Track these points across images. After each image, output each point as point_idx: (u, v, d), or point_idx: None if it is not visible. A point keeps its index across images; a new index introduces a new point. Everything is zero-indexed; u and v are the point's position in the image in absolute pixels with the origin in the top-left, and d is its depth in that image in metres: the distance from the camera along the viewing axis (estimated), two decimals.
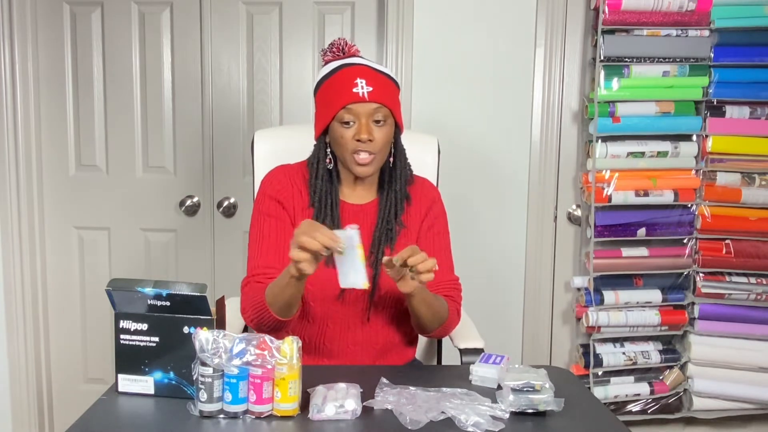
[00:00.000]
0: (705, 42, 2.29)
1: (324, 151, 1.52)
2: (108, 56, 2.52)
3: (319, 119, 1.52)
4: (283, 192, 1.53)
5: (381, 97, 1.45)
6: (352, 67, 1.47)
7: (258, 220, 1.54)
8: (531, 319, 2.51)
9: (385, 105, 1.46)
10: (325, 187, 1.51)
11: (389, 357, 1.59)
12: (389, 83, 1.50)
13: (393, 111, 1.48)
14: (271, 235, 1.51)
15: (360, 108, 1.44)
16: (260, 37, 2.50)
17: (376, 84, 1.45)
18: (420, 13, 2.38)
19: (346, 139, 1.45)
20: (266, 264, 1.48)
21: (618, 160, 2.33)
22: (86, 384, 2.67)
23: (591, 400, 1.31)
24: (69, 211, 2.60)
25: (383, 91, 1.46)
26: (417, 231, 1.59)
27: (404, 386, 1.23)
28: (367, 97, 1.44)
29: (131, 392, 1.25)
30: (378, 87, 1.45)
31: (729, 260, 2.37)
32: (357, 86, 1.44)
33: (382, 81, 1.47)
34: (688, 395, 2.45)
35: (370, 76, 1.46)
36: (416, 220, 1.59)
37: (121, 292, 1.24)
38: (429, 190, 1.64)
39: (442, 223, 1.64)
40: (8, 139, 2.47)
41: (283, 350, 1.15)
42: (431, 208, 1.61)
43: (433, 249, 1.57)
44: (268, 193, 1.54)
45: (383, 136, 1.46)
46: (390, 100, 1.48)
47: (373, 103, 1.44)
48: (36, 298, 2.58)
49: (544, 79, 2.40)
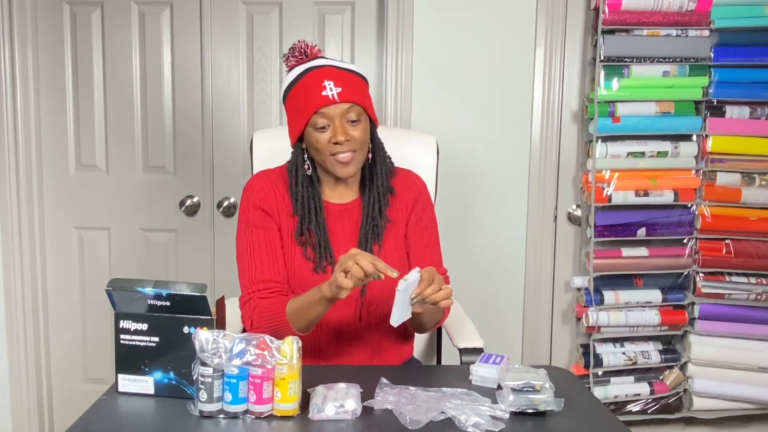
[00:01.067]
0: (705, 42, 2.29)
1: (302, 157, 1.51)
2: (108, 56, 2.52)
3: (292, 126, 1.51)
4: (267, 200, 1.53)
5: (351, 95, 1.44)
6: (318, 70, 1.46)
7: (246, 232, 1.53)
8: (531, 319, 2.51)
9: (357, 103, 1.45)
10: (306, 193, 1.51)
11: (385, 355, 1.59)
12: (357, 80, 1.48)
13: (365, 107, 1.47)
14: (262, 247, 1.50)
15: (332, 110, 1.43)
16: (260, 37, 2.50)
17: (345, 83, 1.44)
18: (420, 13, 2.38)
19: (322, 143, 1.45)
20: (265, 278, 1.48)
21: (618, 160, 2.33)
22: (86, 384, 2.67)
23: (591, 400, 1.31)
24: (69, 211, 2.60)
25: (352, 89, 1.45)
26: (404, 224, 1.58)
27: (404, 386, 1.23)
28: (338, 98, 1.43)
29: (131, 392, 1.25)
30: (347, 86, 1.44)
31: (729, 260, 2.37)
32: (326, 89, 1.43)
33: (349, 79, 1.46)
34: (688, 395, 2.45)
35: (337, 76, 1.45)
36: (402, 213, 1.58)
37: (121, 292, 1.24)
38: (413, 182, 1.63)
39: (430, 216, 1.63)
40: (8, 139, 2.47)
41: (283, 350, 1.15)
42: (417, 200, 1.60)
43: (422, 243, 1.59)
44: (252, 201, 1.53)
45: (360, 134, 1.46)
46: (360, 97, 1.47)
47: (344, 104, 1.43)
48: (36, 298, 2.58)
49: (544, 79, 2.40)
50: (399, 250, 1.57)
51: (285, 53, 1.53)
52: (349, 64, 1.52)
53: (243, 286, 1.52)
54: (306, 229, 1.50)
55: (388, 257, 1.51)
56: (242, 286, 1.53)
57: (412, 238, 1.58)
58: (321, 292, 1.35)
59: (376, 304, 1.53)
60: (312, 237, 1.50)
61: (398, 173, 1.61)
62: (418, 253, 1.58)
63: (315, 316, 1.40)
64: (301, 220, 1.50)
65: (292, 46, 1.51)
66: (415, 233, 1.59)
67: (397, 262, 1.53)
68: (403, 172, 1.64)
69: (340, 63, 1.50)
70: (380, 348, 1.58)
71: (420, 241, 1.58)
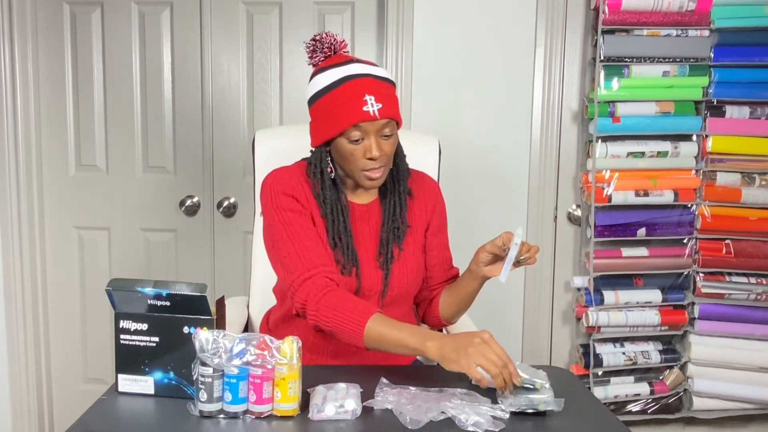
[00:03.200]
0: (705, 42, 2.29)
1: (326, 160, 1.46)
2: (108, 56, 2.52)
3: (321, 131, 1.43)
4: (295, 189, 1.46)
5: (390, 112, 1.39)
6: (358, 80, 1.38)
7: (278, 218, 1.43)
8: (531, 319, 2.51)
9: (394, 118, 1.40)
10: (333, 195, 1.46)
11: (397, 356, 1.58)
12: (392, 91, 1.43)
13: (398, 120, 1.43)
14: (303, 229, 1.42)
15: (370, 126, 1.37)
16: (260, 37, 2.50)
17: (384, 98, 1.38)
18: (420, 13, 2.38)
19: (356, 156, 1.39)
20: (316, 261, 1.39)
21: (618, 160, 2.33)
22: (86, 384, 2.67)
23: (591, 400, 1.31)
24: (69, 211, 2.60)
25: (391, 104, 1.40)
26: (423, 227, 1.58)
27: (404, 386, 1.23)
28: (378, 116, 1.36)
29: (131, 392, 1.25)
30: (386, 102, 1.38)
31: (729, 260, 2.37)
32: (367, 104, 1.36)
33: (388, 92, 1.40)
34: (688, 395, 2.45)
35: (377, 89, 1.38)
36: (421, 216, 1.58)
37: (121, 292, 1.24)
38: (430, 186, 1.62)
39: (445, 220, 1.65)
40: (8, 139, 2.47)
41: (283, 350, 1.15)
42: (436, 206, 1.60)
43: (441, 247, 1.61)
44: (279, 189, 1.45)
45: (391, 148, 1.42)
46: (396, 111, 1.42)
47: (383, 120, 1.38)
48: (36, 298, 2.58)
49: (544, 79, 2.40)
50: (416, 253, 1.56)
51: (308, 44, 1.45)
52: (381, 70, 1.43)
53: (295, 269, 1.38)
54: (336, 232, 1.46)
55: (407, 260, 1.52)
56: (292, 269, 1.39)
57: (433, 242, 1.59)
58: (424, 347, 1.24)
59: (395, 305, 1.52)
60: (341, 240, 1.46)
61: (413, 175, 1.59)
62: (439, 257, 1.61)
63: (395, 352, 1.32)
64: (330, 224, 1.45)
65: (318, 38, 1.44)
66: (437, 239, 1.60)
67: (414, 264, 1.54)
68: (419, 174, 1.62)
69: (375, 70, 1.41)
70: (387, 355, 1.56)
71: (439, 245, 1.61)
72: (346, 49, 1.47)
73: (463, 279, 1.53)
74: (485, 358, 1.17)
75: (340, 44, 1.45)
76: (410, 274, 1.53)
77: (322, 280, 1.37)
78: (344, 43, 1.46)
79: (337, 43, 1.44)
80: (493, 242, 1.41)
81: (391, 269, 1.49)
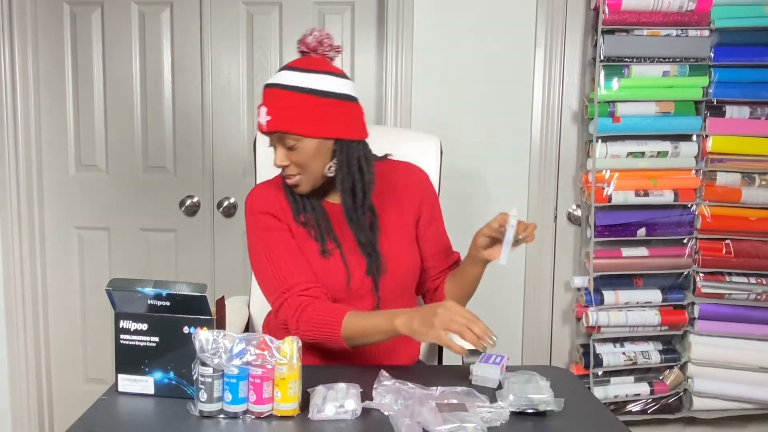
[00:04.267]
0: (705, 42, 2.29)
1: None
2: (108, 56, 2.52)
3: None
4: (271, 206, 1.50)
5: (278, 124, 1.39)
6: (266, 90, 1.42)
7: (259, 238, 1.48)
8: (531, 319, 2.51)
9: (285, 131, 1.39)
10: (302, 199, 1.50)
11: (397, 355, 1.58)
12: (296, 103, 1.39)
13: (301, 133, 1.39)
14: (281, 248, 1.46)
15: (271, 136, 1.42)
16: (260, 37, 2.50)
17: (278, 111, 1.39)
18: (420, 13, 2.38)
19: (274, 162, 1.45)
20: (296, 279, 1.43)
21: (618, 160, 2.33)
22: (86, 384, 2.67)
23: (591, 400, 1.31)
24: (69, 211, 2.60)
25: (283, 117, 1.39)
26: (413, 219, 1.58)
27: (402, 382, 1.22)
28: (266, 128, 1.40)
29: (131, 392, 1.25)
30: (278, 114, 1.39)
31: (729, 260, 2.37)
32: (260, 114, 1.41)
33: (287, 104, 1.39)
34: (688, 395, 2.45)
35: (273, 102, 1.40)
36: (409, 209, 1.57)
37: (121, 292, 1.24)
38: (416, 176, 1.61)
39: (438, 208, 1.64)
40: (8, 139, 2.47)
41: (283, 350, 1.15)
42: (424, 196, 1.60)
43: (437, 235, 1.61)
44: (256, 209, 1.50)
45: (299, 158, 1.41)
46: (290, 124, 1.39)
47: (275, 132, 1.40)
48: (36, 298, 2.58)
49: (544, 79, 2.40)
50: (407, 245, 1.56)
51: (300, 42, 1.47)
52: (304, 78, 1.41)
53: (273, 290, 1.44)
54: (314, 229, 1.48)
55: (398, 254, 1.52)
56: (271, 291, 1.45)
57: (428, 232, 1.59)
58: (393, 325, 1.31)
59: (390, 300, 1.52)
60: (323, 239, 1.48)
61: (398, 167, 1.60)
62: (436, 245, 1.61)
63: (375, 342, 1.37)
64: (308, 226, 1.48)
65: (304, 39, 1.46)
66: (431, 228, 1.60)
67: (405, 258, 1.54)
68: (405, 166, 1.62)
69: (292, 79, 1.40)
70: (394, 347, 1.56)
71: (437, 235, 1.61)
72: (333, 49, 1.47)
73: (464, 265, 1.53)
74: (450, 322, 1.23)
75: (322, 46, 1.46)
76: (402, 267, 1.53)
77: (297, 299, 1.41)
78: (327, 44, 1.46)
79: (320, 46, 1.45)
80: (489, 225, 1.40)
81: (381, 265, 1.49)
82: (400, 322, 1.30)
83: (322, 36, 1.45)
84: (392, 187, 1.57)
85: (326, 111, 1.41)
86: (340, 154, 1.45)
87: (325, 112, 1.41)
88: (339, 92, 1.42)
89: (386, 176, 1.57)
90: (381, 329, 1.34)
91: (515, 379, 1.26)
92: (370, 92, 2.50)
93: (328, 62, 1.46)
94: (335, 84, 1.43)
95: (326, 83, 1.41)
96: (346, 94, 1.44)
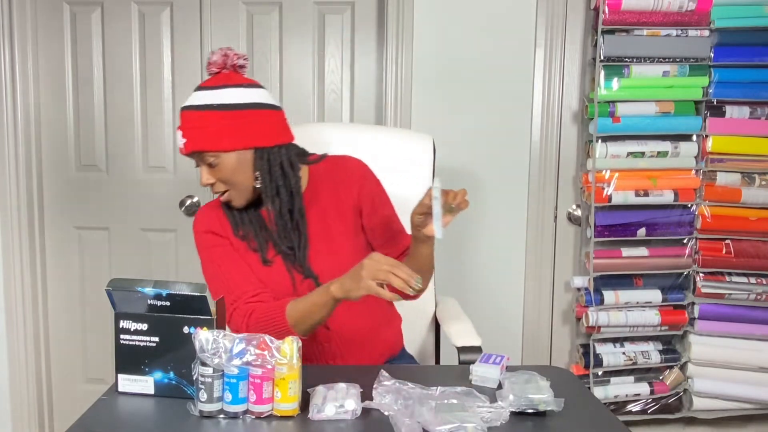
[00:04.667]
0: (705, 42, 2.29)
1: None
2: (108, 56, 2.52)
3: None
4: (211, 224, 1.54)
5: (194, 145, 1.43)
6: (181, 113, 1.46)
7: (206, 256, 1.53)
8: (531, 319, 2.51)
9: (203, 151, 1.43)
10: (240, 214, 1.53)
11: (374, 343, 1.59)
12: (208, 121, 1.42)
13: (219, 149, 1.42)
14: (224, 261, 1.51)
15: (192, 156, 1.45)
16: (260, 37, 2.50)
17: (191, 132, 1.43)
18: (420, 13, 2.38)
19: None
20: (242, 288, 1.48)
21: (618, 160, 2.33)
22: (86, 384, 2.67)
23: (591, 400, 1.31)
24: (69, 211, 2.60)
25: (197, 138, 1.42)
26: (352, 212, 1.57)
27: (402, 381, 1.22)
28: (184, 150, 1.44)
29: (131, 392, 1.25)
30: (192, 135, 1.43)
31: (729, 260, 2.37)
32: (178, 138, 1.45)
33: (198, 125, 1.42)
34: (688, 395, 2.45)
35: (186, 124, 1.44)
36: (347, 202, 1.56)
37: (121, 292, 1.24)
38: (352, 168, 1.60)
39: (383, 196, 1.62)
40: (8, 139, 2.47)
41: (283, 350, 1.15)
42: (363, 186, 1.58)
43: (386, 223, 1.59)
44: (199, 229, 1.55)
45: (222, 174, 1.45)
46: (206, 142, 1.42)
47: (192, 153, 1.44)
48: (36, 298, 2.58)
49: (544, 79, 2.40)
50: (348, 239, 1.56)
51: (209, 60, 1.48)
52: (211, 96, 1.43)
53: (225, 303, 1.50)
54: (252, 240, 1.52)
55: (339, 249, 1.53)
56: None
57: (373, 221, 1.58)
58: (330, 294, 1.35)
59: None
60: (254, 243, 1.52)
61: (336, 163, 1.59)
62: (385, 233, 1.59)
63: (320, 319, 1.40)
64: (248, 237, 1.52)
65: (216, 52, 1.47)
66: (376, 217, 1.59)
67: (347, 250, 1.54)
68: (339, 160, 1.61)
69: (200, 98, 1.44)
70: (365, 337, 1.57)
71: (381, 223, 1.59)
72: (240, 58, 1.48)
73: (412, 248, 1.50)
74: (377, 272, 1.28)
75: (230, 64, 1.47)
76: (345, 262, 1.48)
77: (244, 307, 1.46)
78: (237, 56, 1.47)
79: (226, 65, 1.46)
80: (419, 203, 1.37)
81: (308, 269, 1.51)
82: (335, 288, 1.35)
83: (226, 51, 1.47)
84: (331, 185, 1.57)
85: (238, 123, 1.43)
86: (261, 162, 1.46)
87: (237, 125, 1.43)
88: (249, 102, 1.44)
89: (324, 175, 1.58)
90: (320, 303, 1.37)
91: (515, 379, 1.26)
92: (370, 92, 2.50)
93: (239, 75, 1.48)
94: (244, 95, 1.45)
95: (235, 96, 1.44)
96: (257, 102, 1.45)
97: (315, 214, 1.56)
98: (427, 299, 1.93)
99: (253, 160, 1.46)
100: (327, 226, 1.55)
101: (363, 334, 1.58)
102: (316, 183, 1.57)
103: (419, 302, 1.92)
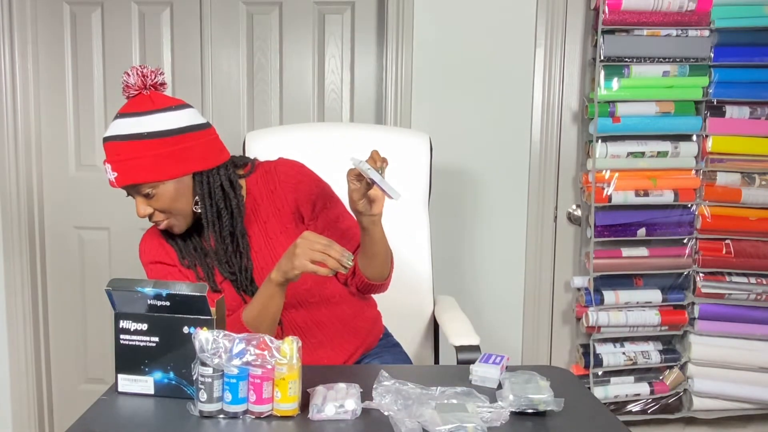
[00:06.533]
0: (705, 42, 2.29)
1: None
2: (108, 56, 2.52)
3: None
4: (157, 254, 1.51)
5: (127, 178, 1.37)
6: (105, 145, 1.38)
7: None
8: (531, 319, 2.51)
9: (137, 183, 1.37)
10: (183, 241, 1.49)
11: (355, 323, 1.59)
12: (138, 152, 1.35)
13: (155, 180, 1.37)
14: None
15: (126, 189, 1.40)
16: (260, 37, 2.50)
17: (120, 165, 1.36)
18: (420, 13, 2.38)
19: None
20: None
21: (618, 160, 2.33)
22: (86, 384, 2.67)
23: (591, 400, 1.31)
24: (69, 211, 2.60)
25: (128, 169, 1.36)
26: (292, 217, 1.51)
27: (402, 381, 1.22)
28: (116, 184, 1.38)
29: (131, 392, 1.25)
30: (122, 168, 1.36)
31: (729, 260, 2.37)
32: (107, 172, 1.38)
33: (127, 156, 1.36)
34: (688, 395, 2.45)
35: (113, 156, 1.37)
36: (284, 209, 1.50)
37: (121, 292, 1.24)
38: (284, 174, 1.52)
39: (325, 196, 1.54)
40: (8, 139, 2.47)
41: (283, 350, 1.15)
42: (298, 189, 1.50)
43: (332, 223, 1.53)
44: (147, 260, 1.52)
45: (159, 203, 1.40)
46: (140, 174, 1.36)
47: (125, 186, 1.39)
48: (36, 298, 2.58)
49: (544, 79, 2.40)
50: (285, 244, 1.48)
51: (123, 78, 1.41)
52: (143, 124, 1.36)
53: None
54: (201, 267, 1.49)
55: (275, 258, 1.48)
56: None
57: (319, 224, 1.52)
58: (272, 282, 1.34)
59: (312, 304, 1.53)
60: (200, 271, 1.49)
61: (269, 170, 1.53)
62: (334, 233, 1.52)
63: (275, 310, 1.38)
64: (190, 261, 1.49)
65: (127, 77, 1.40)
66: (321, 220, 1.53)
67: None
68: (272, 167, 1.54)
69: (124, 128, 1.37)
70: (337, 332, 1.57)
71: (328, 223, 1.53)
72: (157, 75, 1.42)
73: (363, 237, 1.45)
74: (311, 252, 1.27)
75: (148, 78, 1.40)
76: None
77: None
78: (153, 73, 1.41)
79: (144, 87, 1.40)
80: (352, 190, 1.34)
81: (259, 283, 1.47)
82: (274, 274, 1.34)
83: (141, 70, 1.40)
84: (268, 194, 1.51)
85: (173, 150, 1.37)
86: (201, 187, 1.42)
87: (172, 152, 1.37)
88: (179, 127, 1.39)
89: (262, 185, 1.52)
90: (268, 295, 1.37)
91: (515, 379, 1.25)
92: (370, 92, 2.51)
93: (160, 96, 1.42)
94: (174, 119, 1.39)
95: (165, 122, 1.38)
96: (189, 125, 1.40)
97: (257, 230, 1.51)
98: (425, 298, 1.93)
99: (192, 185, 1.42)
100: (269, 240, 1.50)
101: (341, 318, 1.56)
102: (254, 195, 1.51)
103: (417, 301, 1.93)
